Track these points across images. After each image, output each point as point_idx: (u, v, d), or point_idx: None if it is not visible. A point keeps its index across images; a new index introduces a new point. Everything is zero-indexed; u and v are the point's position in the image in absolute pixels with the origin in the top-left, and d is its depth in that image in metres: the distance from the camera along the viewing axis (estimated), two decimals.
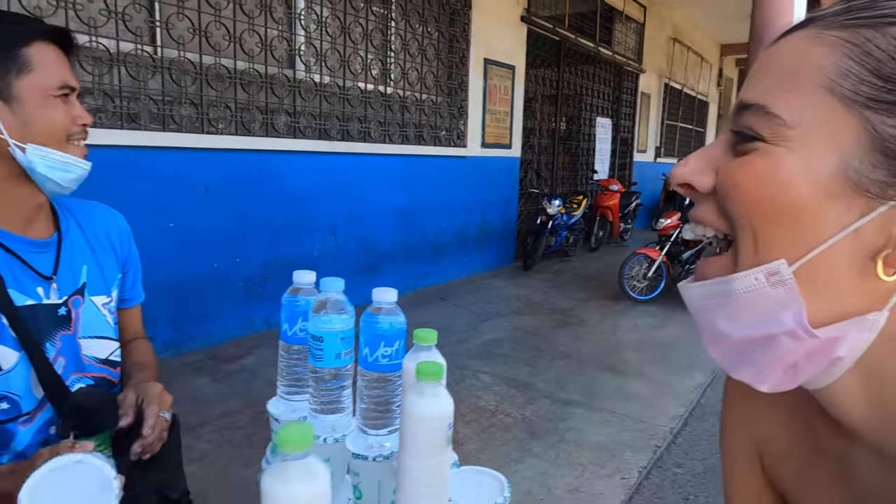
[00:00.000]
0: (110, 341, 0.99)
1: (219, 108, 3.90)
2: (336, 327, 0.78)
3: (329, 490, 0.48)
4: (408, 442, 0.61)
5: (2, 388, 0.85)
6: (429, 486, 0.61)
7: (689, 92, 12.74)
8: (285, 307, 0.87)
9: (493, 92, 6.47)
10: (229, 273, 4.11)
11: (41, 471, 0.60)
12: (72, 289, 0.95)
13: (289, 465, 0.46)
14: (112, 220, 1.06)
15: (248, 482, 2.54)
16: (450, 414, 0.61)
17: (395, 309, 0.78)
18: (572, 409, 3.35)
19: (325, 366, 0.79)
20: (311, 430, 0.47)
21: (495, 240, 7.00)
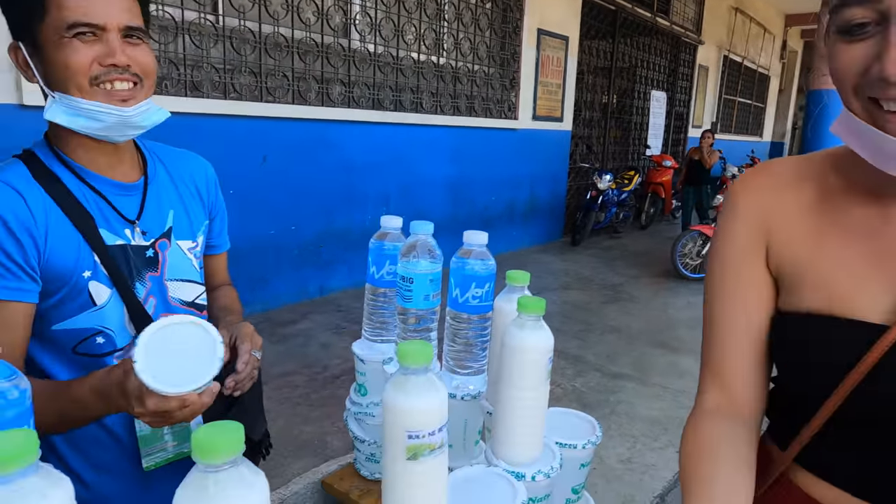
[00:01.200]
0: (196, 285, 1.03)
1: (276, 77, 3.96)
2: (426, 269, 0.79)
3: (446, 407, 0.49)
4: (509, 373, 0.61)
5: (97, 322, 0.89)
6: (528, 417, 0.62)
7: (749, 65, 12.18)
8: (372, 251, 0.89)
9: (546, 63, 6.34)
10: (285, 240, 4.22)
11: (154, 326, 0.64)
12: (158, 232, 0.98)
13: (409, 379, 0.47)
14: (200, 168, 1.09)
15: (308, 437, 2.64)
16: (550, 347, 0.62)
17: (486, 252, 0.78)
18: (623, 382, 3.33)
19: (414, 306, 0.81)
20: (430, 347, 0.48)
21: (544, 214, 6.93)
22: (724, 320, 0.70)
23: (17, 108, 2.82)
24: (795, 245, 0.65)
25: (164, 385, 0.63)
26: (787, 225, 0.66)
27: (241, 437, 0.35)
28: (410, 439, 0.47)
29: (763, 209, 0.68)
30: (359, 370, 0.92)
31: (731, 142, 11.84)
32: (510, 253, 6.41)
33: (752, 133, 13.60)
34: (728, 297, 0.70)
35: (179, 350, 0.67)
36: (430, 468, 0.48)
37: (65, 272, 0.85)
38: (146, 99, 0.88)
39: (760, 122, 14.10)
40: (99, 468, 0.92)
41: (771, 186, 0.69)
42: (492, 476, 0.60)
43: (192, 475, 0.35)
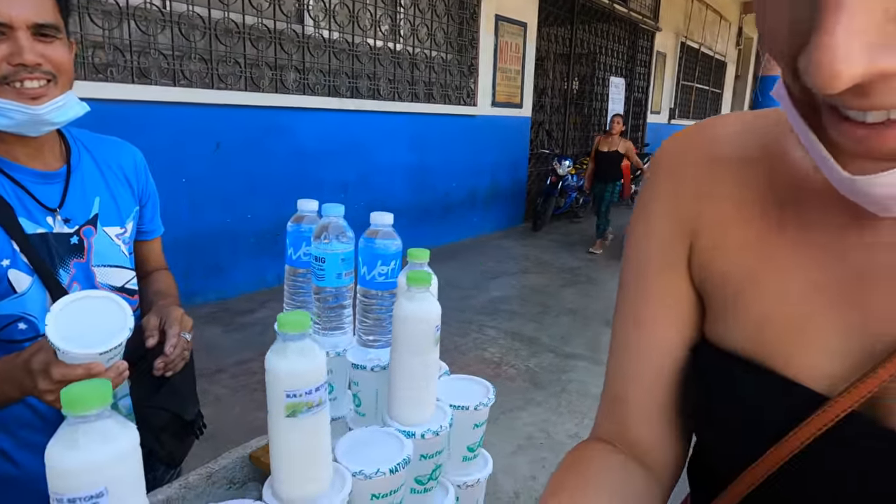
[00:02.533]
0: (125, 270, 1.05)
1: (228, 64, 3.92)
2: (337, 249, 0.83)
3: (324, 369, 0.54)
4: (400, 342, 0.67)
5: (18, 309, 0.91)
6: (418, 381, 0.67)
7: (706, 51, 12.44)
8: (290, 234, 0.92)
9: (504, 50, 6.39)
10: (241, 229, 4.19)
11: (67, 298, 0.67)
12: (83, 219, 0.99)
13: (287, 345, 0.52)
14: (128, 154, 1.11)
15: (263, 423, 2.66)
16: (437, 316, 0.67)
17: (392, 232, 0.83)
18: (575, 361, 3.44)
19: (327, 284, 0.85)
20: (307, 316, 0.53)
21: (505, 200, 7.02)
22: (630, 343, 0.53)
23: None
24: (727, 255, 0.47)
25: (72, 346, 0.66)
26: (720, 223, 0.47)
27: (106, 391, 0.39)
28: (288, 398, 0.52)
29: (691, 194, 0.49)
30: None
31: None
32: (471, 239, 6.48)
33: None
34: (637, 313, 0.53)
35: (90, 320, 0.70)
36: (308, 424, 0.53)
37: None
38: (62, 95, 0.88)
39: (718, 108, 14.45)
40: (28, 447, 0.95)
41: (706, 160, 0.49)
42: (384, 435, 0.65)
43: (62, 428, 0.39)
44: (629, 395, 0.53)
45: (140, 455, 0.42)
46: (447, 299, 0.75)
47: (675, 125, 11.57)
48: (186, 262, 3.84)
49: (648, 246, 0.52)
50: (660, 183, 0.52)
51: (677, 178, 0.50)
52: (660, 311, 0.51)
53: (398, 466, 0.60)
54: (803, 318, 0.43)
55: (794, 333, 0.43)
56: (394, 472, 0.59)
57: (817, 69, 0.26)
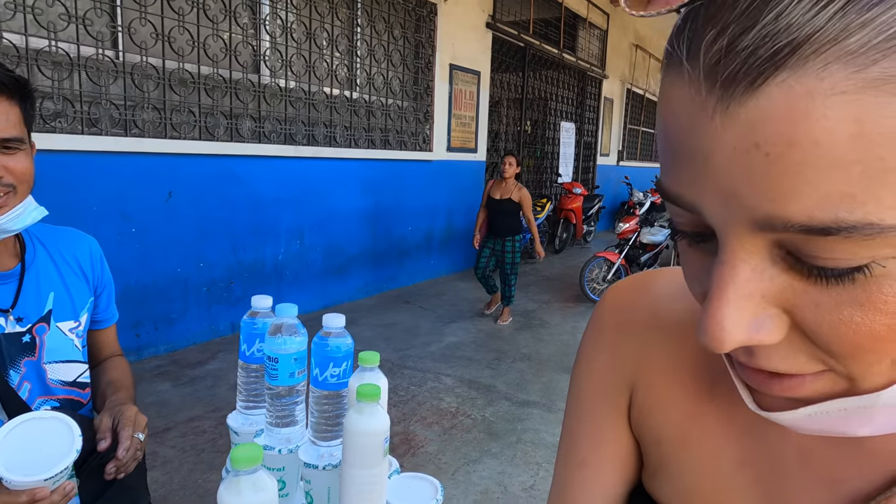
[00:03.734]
0: (78, 364, 1.04)
1: (182, 113, 3.90)
2: (290, 349, 0.86)
3: (276, 500, 0.56)
4: (349, 454, 0.69)
5: None
6: (368, 493, 0.69)
7: (651, 97, 13.08)
8: (244, 329, 0.94)
9: (459, 97, 6.58)
10: (193, 278, 4.12)
11: (15, 420, 0.67)
12: (36, 316, 0.99)
13: (241, 479, 0.54)
14: (83, 245, 1.11)
15: (212, 487, 2.58)
16: (386, 430, 0.70)
17: (344, 332, 0.86)
18: (530, 409, 3.48)
19: (280, 384, 0.87)
20: (260, 449, 0.55)
21: (461, 242, 7.11)
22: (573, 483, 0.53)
23: None
24: (662, 415, 0.48)
25: (15, 474, 0.66)
26: (657, 383, 0.48)
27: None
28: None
29: (633, 350, 0.50)
30: (234, 441, 0.96)
31: (637, 168, 12.63)
32: (427, 282, 6.52)
33: (655, 160, 14.55)
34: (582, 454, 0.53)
35: (38, 442, 0.70)
36: None
37: None
38: (20, 203, 0.89)
39: None
40: None
41: (647, 319, 0.50)
42: None
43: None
44: None
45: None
46: (406, 346, 0.77)
47: (624, 167, 12.04)
48: (135, 314, 3.73)
49: (592, 390, 0.53)
50: (605, 332, 0.53)
51: (621, 332, 0.51)
52: (604, 454, 0.52)
53: None
54: (731, 491, 0.43)
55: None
56: None
57: (705, 333, 0.30)
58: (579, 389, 0.54)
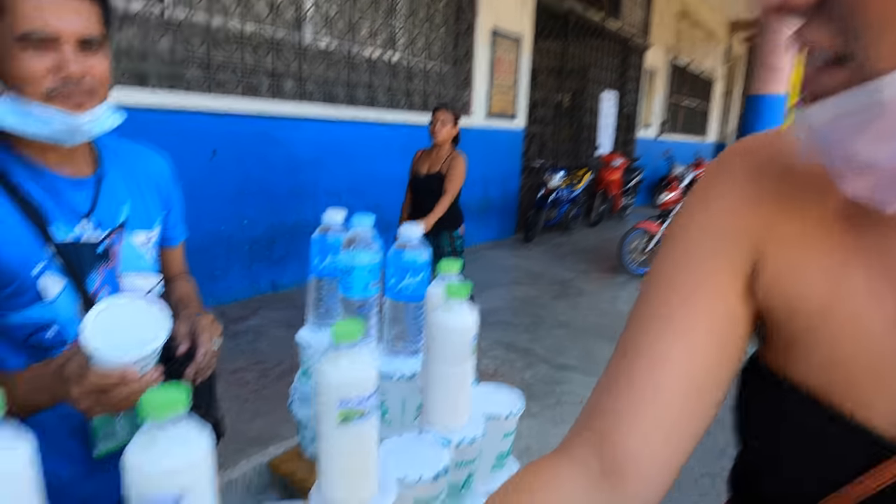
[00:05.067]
0: (150, 277, 1.06)
1: (226, 71, 3.92)
2: (365, 260, 0.85)
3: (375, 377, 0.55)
4: (437, 352, 0.68)
5: (49, 315, 0.91)
6: (454, 390, 0.68)
7: (694, 69, 12.66)
8: (315, 243, 0.94)
9: (499, 63, 6.46)
10: (235, 236, 4.18)
11: (104, 302, 0.67)
12: (111, 226, 1.00)
13: (341, 353, 0.53)
14: (155, 160, 1.11)
15: (258, 432, 2.65)
16: (474, 327, 0.68)
17: (420, 244, 0.85)
18: (570, 373, 3.46)
19: (354, 295, 0.86)
20: (361, 325, 0.54)
21: (497, 211, 7.06)
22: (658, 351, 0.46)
23: None
24: (799, 282, 0.42)
25: (107, 351, 0.66)
26: (793, 244, 0.43)
27: (184, 397, 0.40)
28: (342, 405, 0.53)
29: (764, 204, 0.44)
30: (303, 358, 0.97)
31: (678, 142, 12.30)
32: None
33: (697, 134, 14.15)
34: (674, 320, 0.46)
35: (126, 325, 0.70)
36: (359, 432, 0.54)
37: (15, 266, 0.86)
38: (100, 106, 0.88)
39: (705, 124, 14.68)
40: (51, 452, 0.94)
41: (783, 169, 0.44)
42: (421, 443, 0.67)
43: (141, 433, 0.40)
44: (640, 405, 0.46)
45: (212, 460, 0.43)
46: None
47: (664, 141, 11.74)
48: None
49: (701, 248, 0.46)
50: (729, 182, 0.46)
51: (750, 183, 0.45)
52: (703, 322, 0.45)
53: (440, 473, 0.61)
54: (880, 358, 0.39)
55: (868, 375, 0.39)
56: (436, 478, 0.61)
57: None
58: (683, 246, 0.47)
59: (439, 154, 3.60)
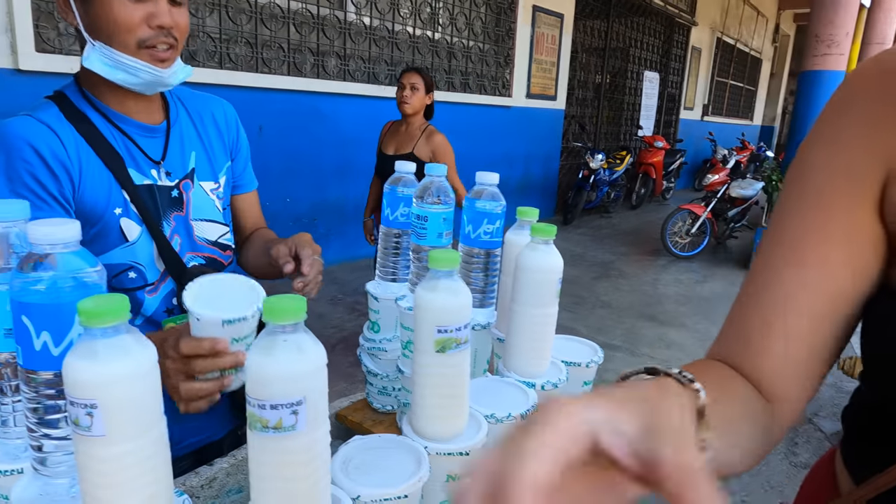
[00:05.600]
0: (220, 225, 1.07)
1: (272, 49, 3.95)
2: (439, 208, 0.84)
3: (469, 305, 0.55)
4: (523, 293, 0.67)
5: (129, 258, 0.93)
6: (539, 333, 0.67)
7: (742, 48, 12.22)
8: (388, 194, 0.93)
9: (541, 41, 6.35)
10: (280, 212, 4.24)
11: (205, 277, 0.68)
12: (182, 173, 1.01)
13: (439, 281, 0.53)
14: (219, 108, 1.12)
15: None
16: (560, 268, 0.67)
17: (496, 191, 0.83)
18: (613, 352, 3.42)
19: (428, 243, 0.86)
20: (458, 255, 0.53)
21: (536, 192, 6.99)
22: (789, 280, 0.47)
23: (13, 72, 2.81)
24: None
25: (206, 309, 0.67)
26: None
27: (303, 305, 0.40)
28: (440, 333, 0.52)
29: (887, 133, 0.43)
30: (372, 308, 0.97)
31: (722, 124, 11.93)
32: None
33: (742, 116, 13.69)
34: (803, 250, 0.46)
35: (225, 293, 0.72)
36: (456, 360, 0.54)
37: (97, 208, 0.89)
38: (178, 58, 0.91)
39: (751, 106, 14.19)
40: None
41: None
42: (505, 385, 0.66)
43: (262, 337, 0.41)
44: (771, 330, 0.47)
45: (326, 370, 0.43)
46: None
47: (708, 122, 11.40)
48: None
49: (832, 176, 0.46)
50: (857, 104, 0.45)
51: (881, 102, 0.44)
52: (836, 251, 0.45)
53: (527, 412, 0.60)
54: None
55: None
56: (524, 417, 0.60)
57: None
58: (811, 175, 0.47)
59: (409, 130, 2.96)
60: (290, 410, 0.40)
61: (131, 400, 0.38)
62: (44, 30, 2.91)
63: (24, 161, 0.82)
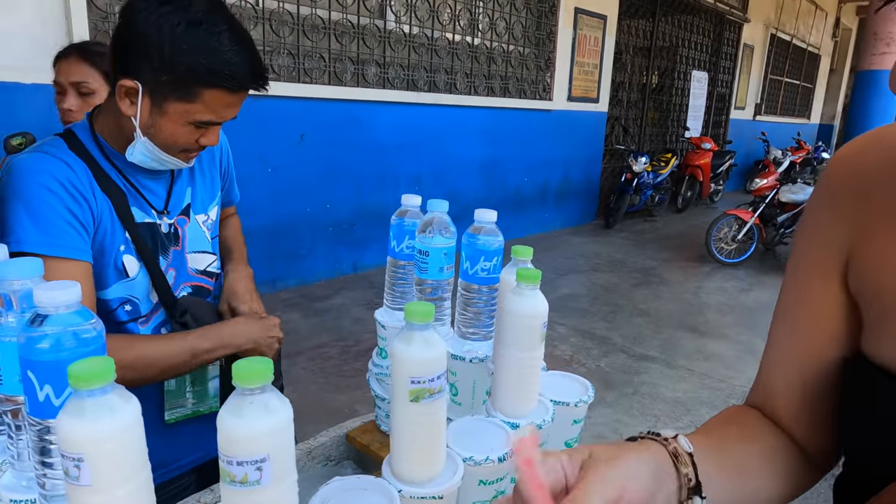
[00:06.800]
0: (209, 255, 1.14)
1: (313, 59, 4.06)
2: (440, 243, 0.87)
3: (445, 355, 0.57)
4: (508, 336, 0.69)
5: (127, 292, 1.00)
6: (524, 375, 0.69)
7: (798, 43, 11.73)
8: (394, 227, 0.96)
9: (583, 43, 6.27)
10: (320, 218, 4.35)
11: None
12: (178, 210, 1.08)
13: (413, 334, 0.55)
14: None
15: (339, 405, 2.77)
16: (545, 313, 0.69)
17: (494, 229, 0.85)
18: (648, 364, 3.36)
19: (429, 277, 0.88)
20: (432, 308, 0.56)
21: (577, 196, 6.91)
22: (781, 338, 0.57)
23: None
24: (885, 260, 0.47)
25: None
26: (883, 228, 0.47)
27: (269, 368, 0.44)
28: (413, 384, 0.55)
29: (861, 200, 0.49)
30: (380, 335, 1.00)
31: (776, 124, 11.48)
32: (541, 235, 6.43)
33: (799, 115, 13.14)
34: (792, 312, 0.56)
35: None
36: (430, 410, 0.56)
37: (104, 243, 0.95)
38: None
39: (808, 104, 13.60)
40: None
41: (882, 167, 0.48)
42: (489, 425, 0.68)
43: (232, 398, 0.44)
44: (776, 384, 0.57)
45: (292, 428, 0.47)
46: None
47: (761, 122, 11.00)
48: (269, 248, 4.02)
49: (809, 250, 0.54)
50: (830, 188, 0.53)
51: (849, 185, 0.51)
52: (814, 315, 0.53)
53: (505, 455, 0.62)
54: None
55: None
56: (501, 460, 0.62)
57: None
58: (799, 249, 0.56)
59: None
60: (254, 467, 0.43)
61: (115, 453, 0.43)
62: None
63: (50, 192, 0.89)
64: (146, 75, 0.87)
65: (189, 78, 0.86)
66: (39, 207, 0.86)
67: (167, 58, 0.85)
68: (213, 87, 0.88)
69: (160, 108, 0.89)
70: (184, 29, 0.84)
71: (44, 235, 0.85)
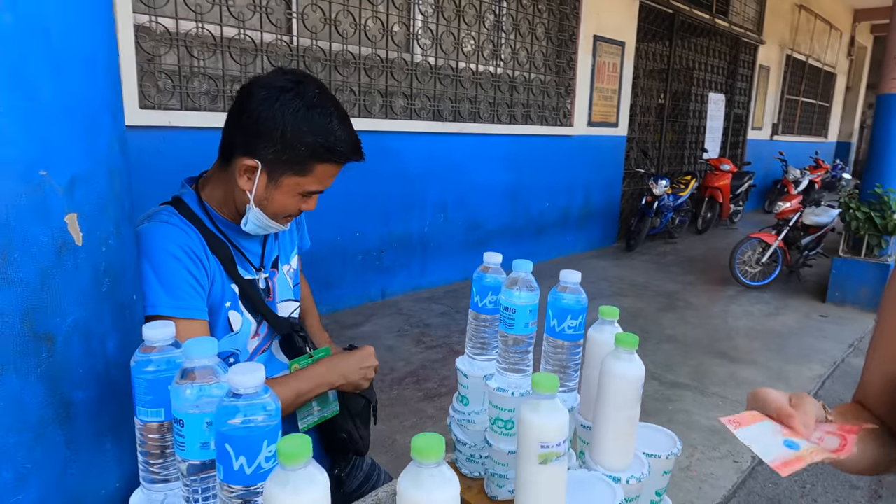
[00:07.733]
0: (293, 302, 1.23)
1: (344, 92, 4.18)
2: (526, 301, 0.93)
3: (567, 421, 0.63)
4: (607, 397, 0.75)
5: (232, 346, 1.08)
6: (623, 433, 0.75)
7: (814, 63, 11.78)
8: (476, 282, 1.03)
9: (602, 69, 6.38)
10: (350, 246, 4.44)
11: None
12: (270, 263, 1.18)
13: (541, 402, 0.62)
14: None
15: (377, 437, 2.82)
16: (642, 376, 0.75)
17: (579, 288, 0.92)
18: (681, 391, 3.38)
19: (516, 332, 0.95)
20: (556, 379, 0.62)
21: (598, 220, 6.97)
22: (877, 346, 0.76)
23: None
24: None
25: None
26: None
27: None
28: (542, 448, 0.61)
29: None
30: (461, 383, 1.07)
31: (793, 143, 11.49)
32: (563, 258, 6.48)
33: (816, 134, 13.13)
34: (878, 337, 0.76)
35: None
36: (555, 471, 0.62)
37: (216, 301, 1.04)
38: None
39: (825, 122, 13.60)
40: None
41: None
42: (593, 479, 0.74)
43: (409, 469, 0.51)
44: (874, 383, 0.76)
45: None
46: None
47: (778, 141, 11.02)
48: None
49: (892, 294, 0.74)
50: None
51: None
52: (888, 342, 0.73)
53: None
54: None
55: None
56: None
57: None
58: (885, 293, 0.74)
59: None
60: None
61: None
62: (146, 88, 3.22)
63: (174, 258, 0.97)
64: (267, 155, 0.96)
65: (307, 155, 0.95)
66: (166, 273, 0.95)
67: (289, 139, 0.94)
68: (325, 161, 0.97)
69: (276, 182, 0.98)
70: (303, 113, 0.93)
71: (173, 299, 0.93)
